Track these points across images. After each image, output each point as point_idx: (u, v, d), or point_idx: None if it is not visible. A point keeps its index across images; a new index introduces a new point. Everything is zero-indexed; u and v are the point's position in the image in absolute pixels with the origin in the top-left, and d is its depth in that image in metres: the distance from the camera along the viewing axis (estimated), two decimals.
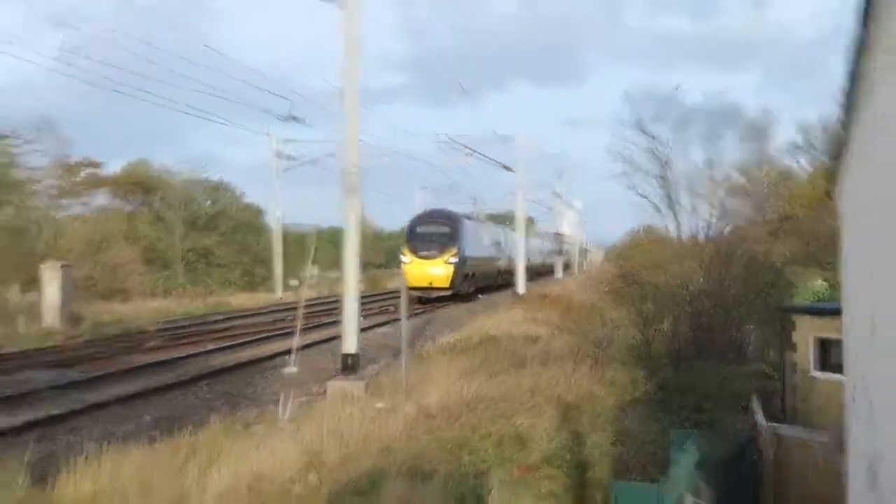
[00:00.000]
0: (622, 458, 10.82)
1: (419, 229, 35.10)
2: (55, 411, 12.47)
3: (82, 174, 46.70)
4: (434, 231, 34.72)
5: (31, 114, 50.82)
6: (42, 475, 8.81)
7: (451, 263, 33.42)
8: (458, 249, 34.35)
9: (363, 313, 18.96)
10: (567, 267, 69.57)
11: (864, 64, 5.65)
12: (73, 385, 14.50)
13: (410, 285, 23.63)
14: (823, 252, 27.02)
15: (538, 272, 57.61)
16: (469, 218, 41.66)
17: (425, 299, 32.42)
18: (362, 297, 17.25)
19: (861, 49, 5.50)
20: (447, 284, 33.40)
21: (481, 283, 39.85)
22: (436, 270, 33.40)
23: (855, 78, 6.04)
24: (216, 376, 16.19)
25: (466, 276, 35.68)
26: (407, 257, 33.90)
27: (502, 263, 44.47)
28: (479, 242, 40.04)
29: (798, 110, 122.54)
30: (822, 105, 48.53)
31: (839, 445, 10.02)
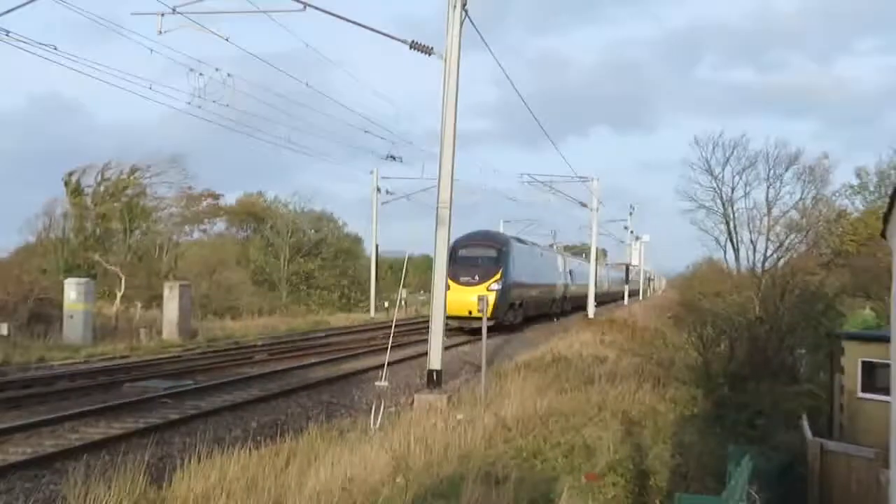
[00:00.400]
0: (680, 469, 10.99)
1: (462, 252, 29.95)
2: (172, 416, 13.25)
3: (203, 204, 52.28)
4: (478, 255, 30.67)
5: (162, 149, 56.42)
6: (159, 474, 9.45)
7: (493, 290, 28.69)
8: (503, 275, 30.26)
9: (446, 333, 19.26)
10: (633, 294, 72.02)
11: None
12: (189, 393, 15.39)
13: (450, 314, 20.62)
14: (871, 284, 28.00)
15: (607, 298, 59.17)
16: (521, 241, 37.79)
17: (468, 329, 27.62)
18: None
19: None
20: (489, 314, 28.05)
21: (532, 311, 35.91)
22: (476, 298, 27.92)
23: None
24: (315, 387, 17.13)
25: (512, 304, 31.64)
26: (447, 284, 28.91)
27: (559, 291, 42.39)
28: (531, 267, 35.66)
29: (854, 156, 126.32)
30: (878, 152, 53.33)
31: (883, 460, 10.08)
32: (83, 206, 42.05)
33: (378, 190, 43.60)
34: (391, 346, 16.64)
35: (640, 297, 75.62)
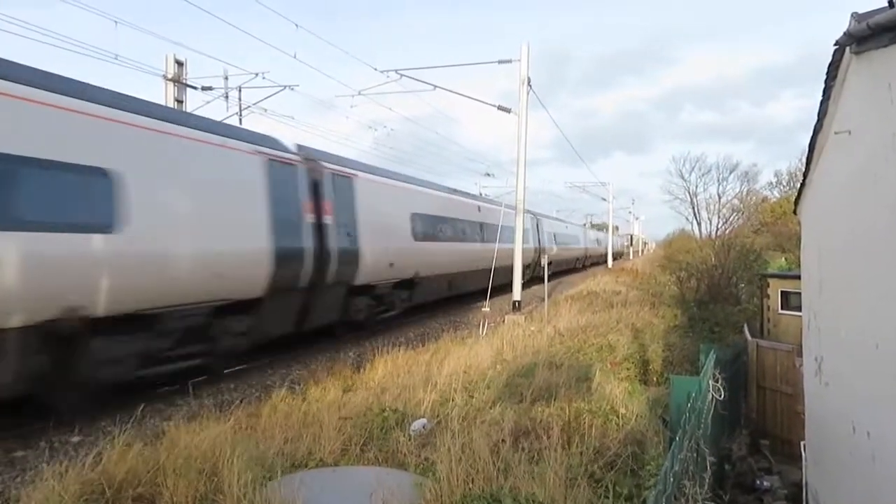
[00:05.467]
0: (668, 359, 12.21)
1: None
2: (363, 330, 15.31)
3: None
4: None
5: None
6: (358, 364, 11.26)
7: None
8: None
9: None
10: (635, 253, 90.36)
11: (819, 139, 7.35)
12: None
13: None
14: (785, 243, 32.88)
15: (618, 256, 70.69)
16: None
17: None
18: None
19: (817, 130, 7.19)
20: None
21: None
22: None
23: (813, 147, 7.82)
24: (448, 312, 20.25)
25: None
26: None
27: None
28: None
29: (775, 163, 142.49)
30: (791, 160, 63.41)
31: (797, 351, 11.58)
32: None
33: (480, 195, 46.74)
34: (491, 286, 18.81)
35: (640, 255, 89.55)
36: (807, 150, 8.41)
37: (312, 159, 13.18)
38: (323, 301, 13.26)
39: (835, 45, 5.03)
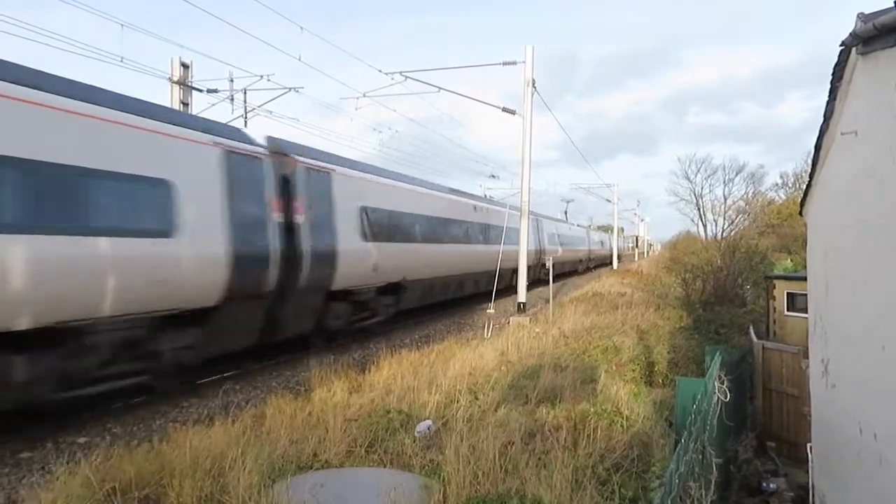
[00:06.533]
0: (673, 361, 12.23)
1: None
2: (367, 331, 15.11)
3: None
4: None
5: None
6: (362, 365, 11.23)
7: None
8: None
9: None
10: (640, 255, 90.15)
11: (825, 140, 7.35)
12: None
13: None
14: (790, 244, 33.46)
15: (623, 257, 72.11)
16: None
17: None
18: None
19: (823, 130, 7.19)
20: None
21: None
22: None
23: (819, 148, 7.81)
24: (451, 312, 20.26)
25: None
26: None
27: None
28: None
29: (782, 165, 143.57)
30: (797, 162, 62.78)
31: (803, 353, 11.61)
32: None
33: (485, 196, 47.60)
34: (496, 288, 18.80)
35: (645, 256, 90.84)
36: (813, 151, 8.36)
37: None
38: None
39: (841, 45, 5.03)
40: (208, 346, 10.01)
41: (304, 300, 12.21)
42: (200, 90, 18.82)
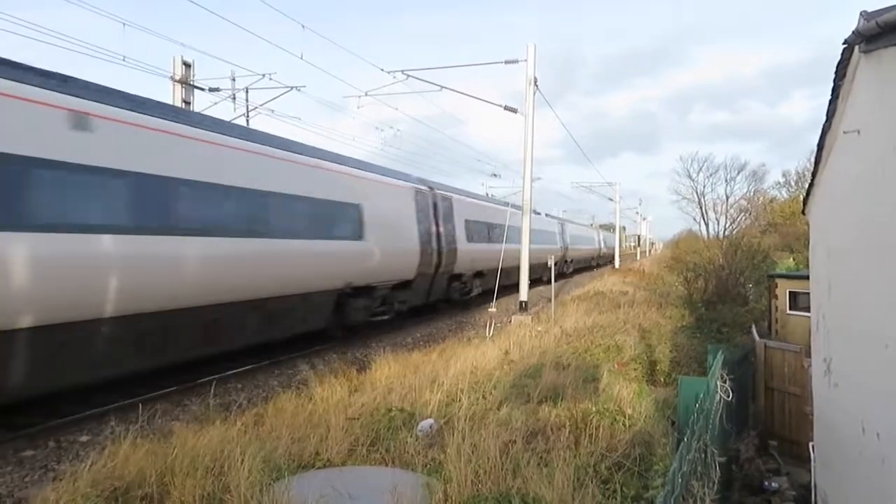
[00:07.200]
0: (675, 360, 12.25)
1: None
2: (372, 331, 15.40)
3: None
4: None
5: None
6: (363, 365, 11.24)
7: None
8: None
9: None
10: (643, 253, 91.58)
11: (828, 139, 7.35)
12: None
13: None
14: (793, 243, 33.41)
15: (625, 256, 73.50)
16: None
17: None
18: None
19: (826, 129, 7.17)
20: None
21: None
22: None
23: (822, 147, 7.81)
24: (454, 312, 20.56)
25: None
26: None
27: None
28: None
29: (784, 163, 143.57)
30: (799, 160, 63.94)
31: (805, 352, 11.60)
32: None
33: (487, 195, 48.48)
34: (498, 286, 19.20)
35: (647, 255, 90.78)
36: (816, 149, 8.37)
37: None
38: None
39: (844, 43, 5.01)
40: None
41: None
42: (202, 89, 18.83)
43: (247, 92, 20.49)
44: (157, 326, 8.89)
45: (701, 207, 48.15)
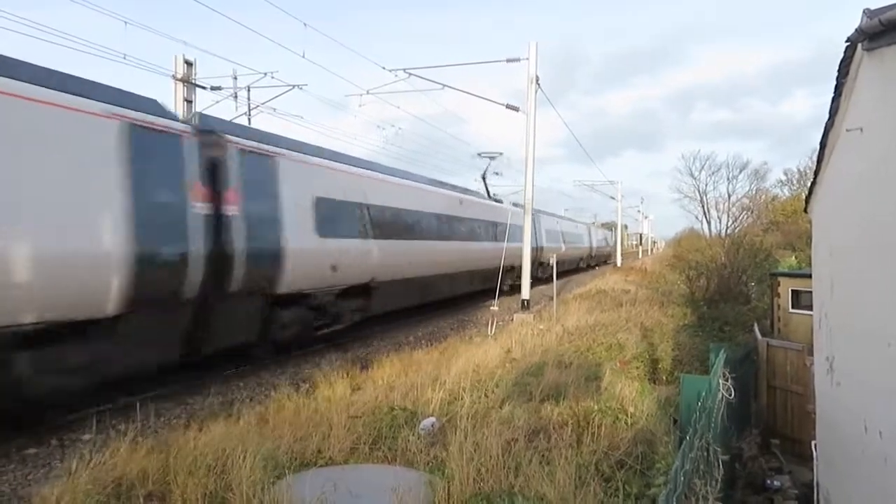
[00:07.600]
0: (678, 358, 12.27)
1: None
2: (375, 329, 15.55)
3: None
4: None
5: None
6: (364, 364, 11.24)
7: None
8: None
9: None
10: (644, 252, 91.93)
11: (830, 137, 7.34)
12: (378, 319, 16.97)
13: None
14: (795, 242, 33.69)
15: (626, 254, 75.94)
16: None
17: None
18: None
19: (829, 127, 7.17)
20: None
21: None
22: None
23: (824, 145, 7.83)
24: (456, 311, 20.71)
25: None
26: None
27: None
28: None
29: (786, 162, 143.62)
30: (801, 158, 63.78)
31: (807, 351, 11.62)
32: None
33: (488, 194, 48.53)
34: (500, 285, 19.26)
35: (649, 253, 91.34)
36: (818, 148, 8.35)
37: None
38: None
39: (846, 41, 5.00)
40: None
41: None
42: (204, 87, 18.85)
43: (248, 90, 20.52)
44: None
45: (703, 206, 48.23)
